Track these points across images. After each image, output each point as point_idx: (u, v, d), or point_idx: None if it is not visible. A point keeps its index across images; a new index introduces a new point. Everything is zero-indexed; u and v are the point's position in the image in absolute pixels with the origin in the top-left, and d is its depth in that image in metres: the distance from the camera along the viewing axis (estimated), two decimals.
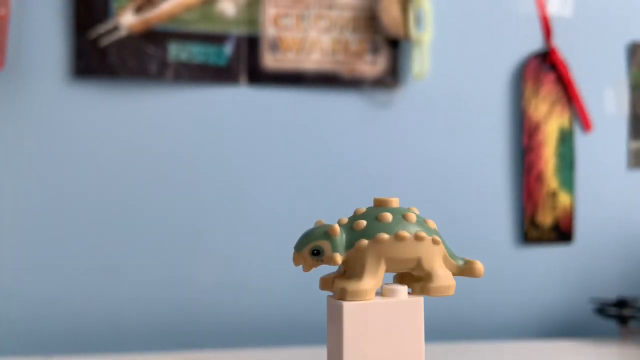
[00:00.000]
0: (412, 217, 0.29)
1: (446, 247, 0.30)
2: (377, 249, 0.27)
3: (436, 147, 0.73)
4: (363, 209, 0.29)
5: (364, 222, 0.28)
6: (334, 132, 0.71)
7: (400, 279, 0.30)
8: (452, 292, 0.28)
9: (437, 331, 0.72)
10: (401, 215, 0.28)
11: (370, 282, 0.27)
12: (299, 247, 0.28)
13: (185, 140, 0.68)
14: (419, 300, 0.28)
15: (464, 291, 0.74)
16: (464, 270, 0.29)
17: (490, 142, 0.74)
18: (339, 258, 0.28)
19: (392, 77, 0.71)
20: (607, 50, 0.77)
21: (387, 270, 0.28)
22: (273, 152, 0.70)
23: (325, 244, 0.28)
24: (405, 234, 0.27)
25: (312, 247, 0.28)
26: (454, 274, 0.29)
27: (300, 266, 0.30)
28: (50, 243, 0.66)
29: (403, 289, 0.28)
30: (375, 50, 0.71)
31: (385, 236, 0.27)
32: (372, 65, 0.71)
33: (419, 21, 0.71)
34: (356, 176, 0.71)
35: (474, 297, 0.73)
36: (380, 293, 0.29)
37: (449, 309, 0.73)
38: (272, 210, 0.70)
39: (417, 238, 0.28)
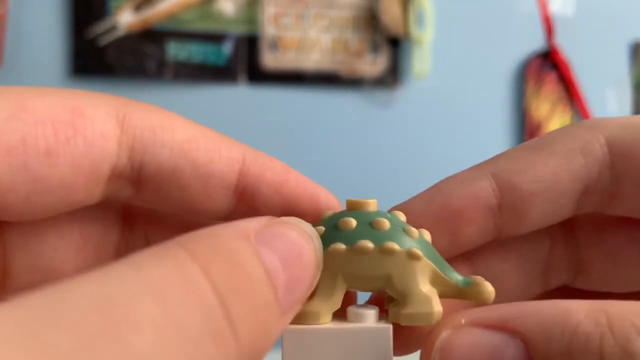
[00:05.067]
0: (384, 224, 0.21)
1: (437, 263, 0.22)
2: (332, 264, 0.21)
3: (437, 147, 0.73)
4: (330, 213, 0.22)
5: (321, 230, 0.21)
6: (334, 131, 0.71)
7: (378, 299, 0.24)
8: (433, 320, 0.21)
9: None
10: (369, 222, 0.21)
11: (321, 302, 0.21)
12: None
13: None
14: (385, 329, 0.21)
15: None
16: (466, 292, 0.22)
17: (492, 141, 0.74)
18: None
19: (393, 76, 0.71)
20: (609, 49, 0.76)
21: (350, 289, 0.22)
22: (272, 152, 0.69)
23: None
24: (367, 245, 0.21)
25: None
26: (449, 297, 0.22)
27: None
28: None
29: (371, 314, 0.22)
30: (375, 49, 0.70)
31: (341, 247, 0.21)
32: (372, 65, 0.70)
33: (419, 20, 0.70)
34: (356, 176, 0.71)
35: None
36: (344, 317, 0.22)
37: None
38: None
39: (384, 251, 0.21)
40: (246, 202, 0.18)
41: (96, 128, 0.16)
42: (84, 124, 0.16)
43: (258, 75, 0.68)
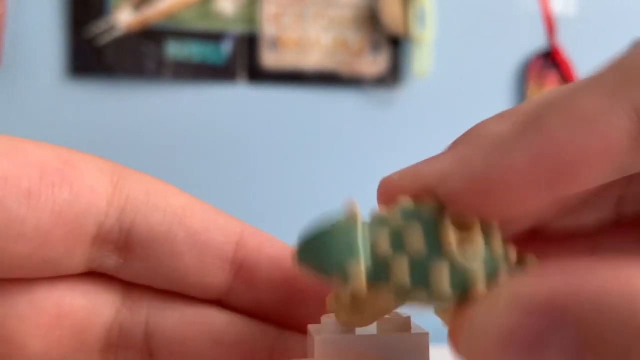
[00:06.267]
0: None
1: None
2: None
3: (438, 147, 0.72)
4: (402, 205, 0.15)
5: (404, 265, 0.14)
6: (334, 131, 0.70)
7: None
8: None
9: (438, 334, 0.71)
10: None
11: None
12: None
13: (183, 139, 0.68)
14: (423, 335, 0.19)
15: None
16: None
17: None
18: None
19: (393, 76, 0.70)
20: (611, 49, 0.75)
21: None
22: (272, 152, 0.69)
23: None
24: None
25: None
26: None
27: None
28: None
29: (407, 320, 0.19)
30: (375, 49, 0.70)
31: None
32: (372, 64, 0.70)
33: (420, 19, 0.70)
34: (356, 176, 0.70)
35: None
36: (377, 324, 0.19)
37: None
38: (270, 210, 0.69)
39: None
40: (244, 277, 0.17)
41: (86, 180, 0.15)
42: (73, 175, 0.15)
43: (257, 74, 0.68)
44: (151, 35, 0.66)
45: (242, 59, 0.68)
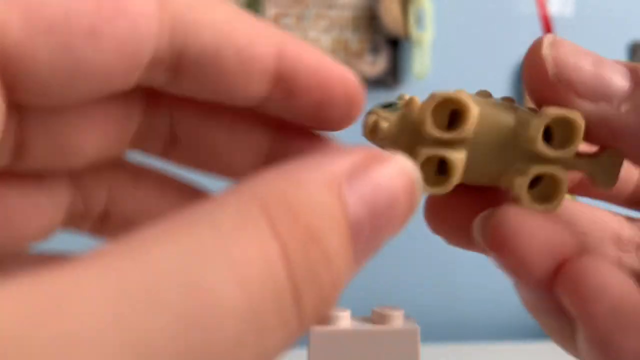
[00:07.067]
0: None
1: None
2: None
3: None
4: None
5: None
6: (334, 132, 0.71)
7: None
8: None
9: (437, 332, 0.72)
10: None
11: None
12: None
13: None
14: (412, 330, 0.21)
15: (465, 291, 0.73)
16: None
17: None
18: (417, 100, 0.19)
19: (393, 76, 0.71)
20: (608, 50, 0.76)
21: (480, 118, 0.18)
22: None
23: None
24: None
25: (385, 103, 0.21)
26: None
27: None
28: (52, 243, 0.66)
29: (397, 315, 0.21)
30: (375, 49, 0.71)
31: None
32: (372, 65, 0.71)
33: (419, 20, 0.71)
34: None
35: (475, 297, 0.73)
36: (369, 319, 0.21)
37: (449, 309, 0.72)
38: None
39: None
40: (282, 86, 0.17)
41: (136, 6, 0.14)
42: (124, 1, 0.14)
43: None
44: None
45: None
